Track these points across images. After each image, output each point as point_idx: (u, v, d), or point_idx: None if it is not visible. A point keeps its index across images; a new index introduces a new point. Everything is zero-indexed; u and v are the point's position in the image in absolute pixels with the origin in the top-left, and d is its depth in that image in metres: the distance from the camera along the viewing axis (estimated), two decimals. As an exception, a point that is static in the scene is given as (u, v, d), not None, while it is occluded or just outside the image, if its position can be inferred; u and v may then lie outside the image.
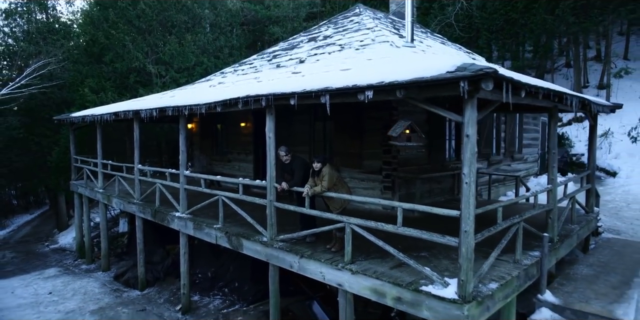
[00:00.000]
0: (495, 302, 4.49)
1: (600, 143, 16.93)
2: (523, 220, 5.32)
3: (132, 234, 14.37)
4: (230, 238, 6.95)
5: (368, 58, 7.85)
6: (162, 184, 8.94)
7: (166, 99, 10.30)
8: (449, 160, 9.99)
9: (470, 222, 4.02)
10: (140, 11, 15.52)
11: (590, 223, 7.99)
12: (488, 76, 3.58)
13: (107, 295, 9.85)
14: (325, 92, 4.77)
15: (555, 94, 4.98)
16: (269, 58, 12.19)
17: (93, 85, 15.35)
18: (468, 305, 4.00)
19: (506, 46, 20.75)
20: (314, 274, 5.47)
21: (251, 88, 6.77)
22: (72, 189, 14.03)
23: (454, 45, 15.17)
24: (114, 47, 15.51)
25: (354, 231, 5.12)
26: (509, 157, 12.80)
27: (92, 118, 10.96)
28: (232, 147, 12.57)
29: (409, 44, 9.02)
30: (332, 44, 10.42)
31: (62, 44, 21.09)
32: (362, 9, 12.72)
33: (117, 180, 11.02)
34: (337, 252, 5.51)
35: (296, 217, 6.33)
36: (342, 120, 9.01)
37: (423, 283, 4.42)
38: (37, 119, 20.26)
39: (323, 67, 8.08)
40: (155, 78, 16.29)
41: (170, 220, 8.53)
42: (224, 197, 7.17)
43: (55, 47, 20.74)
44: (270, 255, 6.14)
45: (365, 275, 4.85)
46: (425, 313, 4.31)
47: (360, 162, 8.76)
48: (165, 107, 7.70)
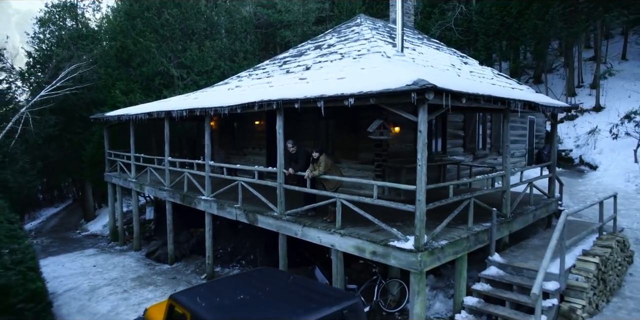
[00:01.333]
0: (446, 255, 6.04)
1: (587, 140, 18.20)
2: (475, 197, 6.84)
3: (158, 220, 16.18)
4: (247, 214, 8.59)
5: (362, 67, 9.38)
6: (190, 172, 10.63)
7: (190, 100, 12.02)
8: (435, 154, 11.47)
9: (423, 193, 5.56)
10: (164, 20, 17.26)
11: (550, 205, 9.43)
12: (430, 89, 5.10)
13: (142, 267, 11.61)
14: (321, 99, 6.34)
15: (497, 99, 6.48)
16: (279, 64, 13.80)
17: (123, 88, 17.16)
18: (421, 253, 5.56)
19: (502, 49, 22.02)
20: (313, 238, 7.08)
21: (265, 93, 8.40)
22: (106, 179, 15.84)
23: (449, 50, 16.56)
24: (141, 53, 17.28)
25: (343, 205, 6.70)
26: (495, 151, 14.21)
27: (127, 117, 12.70)
28: (247, 142, 14.24)
29: (399, 54, 10.55)
30: (335, 52, 11.98)
31: (91, 48, 23.01)
32: (363, 19, 14.22)
33: (148, 171, 12.76)
34: (331, 222, 7.09)
35: (300, 198, 7.92)
36: (341, 119, 10.58)
37: (391, 240, 5.98)
38: (70, 117, 22.20)
39: (324, 75, 9.65)
40: (177, 80, 18.05)
41: (197, 203, 10.21)
42: (243, 182, 8.81)
43: (84, 51, 22.67)
44: (280, 226, 7.76)
45: (350, 236, 6.44)
46: (393, 261, 5.89)
47: (357, 154, 10.33)
48: (195, 108, 9.35)
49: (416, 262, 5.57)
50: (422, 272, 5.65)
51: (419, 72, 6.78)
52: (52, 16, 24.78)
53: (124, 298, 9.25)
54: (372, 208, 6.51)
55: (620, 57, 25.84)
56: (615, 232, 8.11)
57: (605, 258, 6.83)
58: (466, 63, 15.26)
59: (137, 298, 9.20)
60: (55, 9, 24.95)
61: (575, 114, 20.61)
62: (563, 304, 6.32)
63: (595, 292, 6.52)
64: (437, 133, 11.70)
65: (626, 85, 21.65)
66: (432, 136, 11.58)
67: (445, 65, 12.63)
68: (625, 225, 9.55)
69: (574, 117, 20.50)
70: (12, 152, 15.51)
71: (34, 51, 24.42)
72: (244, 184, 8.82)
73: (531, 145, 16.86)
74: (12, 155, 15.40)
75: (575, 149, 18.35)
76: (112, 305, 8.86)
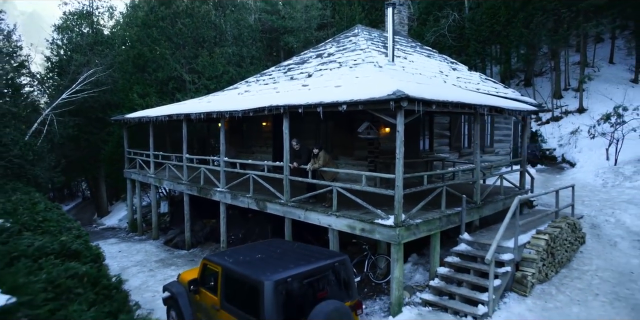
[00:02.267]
0: (420, 231, 7.48)
1: (569, 139, 19.60)
2: (449, 187, 8.28)
3: (172, 213, 17.68)
4: (257, 202, 10.05)
5: (356, 76, 10.83)
6: (206, 168, 12.11)
7: (204, 103, 13.51)
8: (423, 151, 12.91)
9: (400, 180, 7.00)
10: (178, 30, 18.76)
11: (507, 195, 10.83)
12: (404, 98, 6.53)
13: (162, 252, 13.10)
14: (320, 105, 7.78)
15: (464, 105, 7.91)
16: (284, 71, 15.27)
17: (140, 91, 18.67)
18: (399, 228, 7.00)
19: (492, 54, 23.42)
20: (314, 220, 8.53)
21: (272, 98, 9.86)
22: (125, 175, 17.34)
23: (440, 56, 18.00)
24: (156, 59, 18.79)
25: (338, 192, 8.15)
26: (480, 150, 15.59)
27: (148, 119, 14.18)
28: (255, 141, 15.71)
29: (390, 64, 12.02)
30: (334, 61, 13.44)
31: (106, 53, 24.53)
32: (360, 29, 15.67)
33: (167, 167, 14.24)
34: (328, 207, 8.52)
35: (302, 188, 9.37)
36: (339, 121, 12.02)
37: (376, 219, 7.42)
38: (87, 119, 23.72)
39: (324, 82, 11.11)
40: (189, 84, 19.55)
41: (212, 194, 11.68)
42: (254, 175, 10.28)
43: (100, 56, 24.18)
44: (286, 211, 9.22)
45: (344, 217, 7.89)
46: (377, 235, 7.33)
47: (352, 151, 11.78)
48: (212, 111, 10.81)
49: (395, 236, 7.01)
50: (400, 244, 7.09)
51: (402, 82, 8.24)
52: (70, 23, 26.33)
53: (151, 275, 10.73)
54: (363, 196, 7.95)
55: (608, 60, 27.18)
56: (568, 216, 9.52)
57: (555, 236, 8.25)
58: (455, 69, 16.69)
59: (162, 275, 10.68)
60: (72, 16, 26.49)
61: (560, 116, 22.01)
62: (518, 272, 7.74)
63: (544, 263, 7.94)
64: (425, 133, 13.13)
65: (609, 88, 23.00)
66: (421, 136, 13.02)
67: (433, 72, 14.08)
68: (586, 213, 10.96)
69: (559, 118, 21.89)
70: (40, 151, 17.01)
71: (53, 56, 25.97)
72: (254, 177, 10.29)
73: (515, 144, 18.25)
74: (39, 153, 16.89)
75: (559, 148, 19.76)
76: (141, 281, 10.34)
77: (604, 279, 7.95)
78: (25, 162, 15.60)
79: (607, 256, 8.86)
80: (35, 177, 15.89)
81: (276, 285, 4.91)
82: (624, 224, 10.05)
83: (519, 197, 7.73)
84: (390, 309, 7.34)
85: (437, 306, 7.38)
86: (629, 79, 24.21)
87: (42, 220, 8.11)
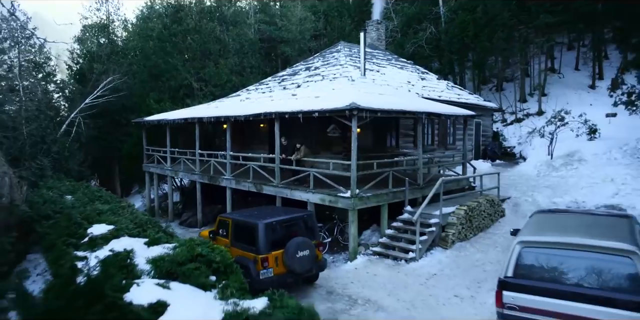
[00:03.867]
0: (371, 201, 10.52)
1: (526, 138, 22.61)
2: (394, 171, 11.32)
3: (184, 201, 20.71)
4: (256, 186, 13.09)
5: (333, 88, 13.87)
6: (215, 161, 15.15)
7: (212, 109, 16.56)
8: (390, 147, 15.94)
9: (354, 165, 10.03)
10: (188, 44, 21.83)
11: (460, 182, 13.85)
12: (356, 108, 9.55)
13: (179, 230, 16.11)
14: (300, 113, 10.82)
15: (405, 112, 10.93)
16: (279, 81, 18.33)
17: (155, 97, 21.72)
18: (353, 199, 10.03)
19: (464, 63, 26.48)
20: (297, 196, 11.56)
21: (267, 105, 12.90)
22: (144, 169, 20.39)
23: (413, 67, 21.04)
24: (169, 70, 21.84)
25: (314, 176, 11.18)
26: (443, 147, 18.63)
27: (166, 121, 17.23)
28: (253, 139, 18.74)
29: (362, 77, 15.05)
30: (318, 74, 16.49)
31: (122, 62, 27.57)
32: (341, 46, 18.73)
33: (182, 162, 17.28)
34: (307, 187, 11.54)
35: (289, 174, 12.40)
36: (321, 124, 15.03)
37: (339, 193, 10.45)
38: (105, 120, 26.79)
39: (309, 92, 14.16)
40: (197, 91, 22.60)
41: (220, 181, 14.71)
42: (253, 165, 13.32)
43: (117, 65, 27.23)
44: (277, 191, 12.25)
45: (318, 193, 10.92)
46: (339, 204, 10.37)
47: (330, 147, 14.82)
48: (221, 116, 13.85)
49: (351, 204, 10.05)
50: (355, 210, 10.12)
51: (364, 94, 11.31)
52: (88, 34, 29.41)
53: (173, 243, 13.75)
54: (333, 178, 10.98)
55: (574, 67, 30.18)
56: (489, 195, 12.55)
57: (472, 208, 11.28)
58: (424, 79, 19.75)
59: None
60: (91, 29, 29.57)
61: (522, 118, 25.05)
62: (443, 233, 10.77)
63: (463, 227, 10.97)
64: (392, 132, 16.17)
65: (569, 93, 26.01)
66: (388, 135, 16.06)
67: (401, 83, 17.13)
68: (514, 195, 14.01)
69: (521, 120, 24.92)
70: (71, 148, 20.07)
71: (73, 65, 29.04)
72: (253, 167, 13.33)
73: (477, 142, 21.28)
74: (71, 150, 19.95)
75: (517, 146, 22.80)
76: (166, 247, 13.35)
77: (506, 237, 10.97)
78: (62, 158, 18.69)
79: (516, 224, 11.83)
80: (70, 171, 18.96)
81: (265, 226, 7.95)
82: (537, 202, 13.10)
83: (442, 179, 10.79)
84: (349, 257, 10.38)
85: (382, 255, 10.42)
86: (587, 85, 27.22)
87: (99, 196, 11.19)
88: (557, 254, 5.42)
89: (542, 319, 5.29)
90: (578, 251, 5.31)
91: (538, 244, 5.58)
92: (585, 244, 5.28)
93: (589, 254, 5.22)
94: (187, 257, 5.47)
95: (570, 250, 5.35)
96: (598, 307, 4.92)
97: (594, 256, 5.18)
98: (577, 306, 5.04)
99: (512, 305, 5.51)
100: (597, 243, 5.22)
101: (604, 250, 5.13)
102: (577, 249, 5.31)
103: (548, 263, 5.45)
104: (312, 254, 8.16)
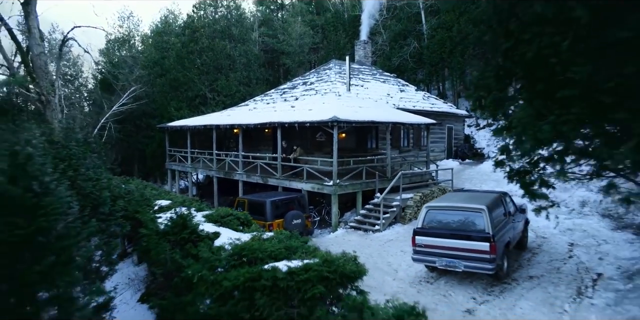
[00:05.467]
0: (348, 189, 14.24)
1: (493, 140, 26.25)
2: (367, 166, 15.02)
3: (201, 194, 24.43)
4: (263, 179, 16.80)
5: (323, 102, 17.56)
6: (230, 159, 18.87)
7: (225, 116, 20.30)
8: (370, 148, 19.63)
9: (335, 162, 13.74)
10: (203, 60, 25.59)
11: (423, 176, 17.52)
12: (336, 120, 13.25)
13: (199, 215, 19.84)
14: (295, 123, 14.53)
15: (374, 122, 14.62)
16: (280, 93, 22.05)
17: (175, 106, 25.48)
18: (335, 186, 13.75)
19: (440, 76, 30.18)
20: (294, 186, 15.26)
21: (271, 115, 16.62)
22: (167, 167, 24.12)
23: (395, 80, 24.71)
24: (187, 82, 25.61)
25: (307, 170, 14.88)
26: (417, 148, 22.30)
27: (187, 127, 20.96)
28: (260, 142, 22.45)
29: (347, 93, 18.76)
30: (313, 89, 20.20)
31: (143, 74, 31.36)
32: (333, 64, 22.44)
33: (201, 160, 21.00)
34: (302, 179, 15.23)
35: (289, 169, 16.09)
36: (313, 130, 18.74)
37: (324, 182, 14.15)
38: (129, 125, 30.59)
39: (304, 105, 17.86)
40: (210, 100, 26.35)
41: (234, 175, 18.41)
42: (261, 162, 17.02)
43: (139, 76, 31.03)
44: (279, 182, 15.96)
45: (309, 183, 14.64)
46: (325, 190, 14.09)
47: (322, 149, 18.52)
48: (234, 124, 17.56)
49: (332, 190, 13.75)
50: (336, 194, 13.81)
51: (346, 107, 14.97)
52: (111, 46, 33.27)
53: (197, 224, 17.48)
54: (322, 173, 14.67)
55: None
56: (442, 185, 16.21)
57: (427, 194, 14.97)
58: (403, 90, 23.44)
59: (204, 224, 17.41)
60: (113, 43, 33.42)
61: (493, 123, 28.67)
62: (403, 212, 14.45)
63: (418, 208, 14.63)
64: (371, 136, 19.85)
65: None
66: (369, 138, 19.74)
67: (381, 96, 20.82)
68: (467, 186, 17.66)
69: (492, 124, 28.56)
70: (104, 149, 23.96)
71: (99, 75, 32.87)
72: (260, 164, 17.03)
73: (449, 145, 24.94)
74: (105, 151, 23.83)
75: (487, 147, 26.45)
76: (192, 226, 17.09)
77: (451, 216, 14.60)
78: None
79: (462, 207, 15.52)
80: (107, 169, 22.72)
81: (271, 202, 11.67)
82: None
83: (401, 173, 14.48)
84: (332, 229, 14.08)
85: (356, 228, 14.10)
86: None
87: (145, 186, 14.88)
88: (445, 212, 9.10)
89: (434, 251, 8.96)
90: (455, 210, 8.99)
91: (435, 208, 9.25)
92: (459, 206, 8.97)
93: (462, 212, 8.89)
94: (225, 213, 9.19)
95: (452, 210, 9.04)
96: (463, 241, 8.58)
97: (464, 213, 8.85)
98: (453, 241, 8.69)
99: (420, 244, 9.18)
100: (465, 205, 8.89)
101: (468, 209, 8.80)
102: (455, 209, 8.99)
103: (440, 218, 9.12)
104: (302, 222, 11.88)
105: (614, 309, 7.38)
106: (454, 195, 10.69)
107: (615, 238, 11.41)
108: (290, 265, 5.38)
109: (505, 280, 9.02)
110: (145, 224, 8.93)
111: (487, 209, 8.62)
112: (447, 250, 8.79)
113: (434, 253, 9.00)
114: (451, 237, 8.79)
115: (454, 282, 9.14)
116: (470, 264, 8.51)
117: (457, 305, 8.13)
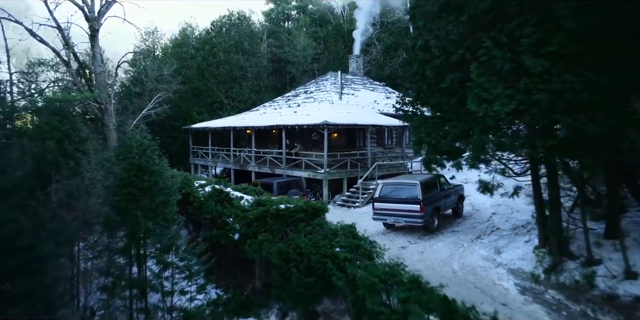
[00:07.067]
0: (335, 176, 18.67)
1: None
2: (351, 159, 19.43)
3: (218, 184, 28.98)
4: (271, 169, 21.27)
5: (319, 108, 21.96)
6: (245, 154, 23.37)
7: (239, 120, 24.85)
8: (358, 146, 23.98)
9: (325, 155, 18.16)
10: (220, 72, 30.17)
11: (399, 167, 21.84)
12: (325, 124, 17.66)
13: (219, 200, 24.37)
14: (297, 125, 18.98)
15: (357, 125, 19.02)
16: (285, 100, 26.53)
17: (196, 110, 30.08)
18: (325, 173, 18.19)
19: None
20: (295, 173, 19.70)
21: (278, 119, 21.11)
22: (190, 162, 28.70)
23: (383, 88, 29.04)
24: (207, 90, 30.20)
25: (305, 162, 19.33)
26: (399, 146, 26.56)
27: (209, 129, 25.50)
28: (269, 141, 26.93)
29: (339, 101, 23.19)
30: (312, 97, 24.64)
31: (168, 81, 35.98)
32: (329, 75, 26.86)
33: (220, 156, 25.53)
34: (301, 168, 19.65)
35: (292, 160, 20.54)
36: (310, 131, 23.15)
37: (317, 170, 18.57)
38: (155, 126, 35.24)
39: (304, 110, 22.31)
40: (226, 106, 30.91)
41: (248, 167, 22.88)
42: (269, 157, 21.51)
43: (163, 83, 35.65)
44: (283, 171, 20.40)
45: (306, 171, 19.09)
46: (318, 176, 18.54)
47: (317, 145, 22.94)
48: (248, 126, 22.05)
49: (324, 176, 18.18)
50: (326, 180, 18.22)
51: (336, 113, 19.38)
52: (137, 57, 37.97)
53: (219, 205, 22.01)
54: (316, 164, 19.08)
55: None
56: (414, 174, 20.55)
57: (397, 180, 19.34)
58: (389, 97, 27.77)
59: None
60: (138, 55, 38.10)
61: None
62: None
63: (390, 191, 18.98)
64: (360, 136, 24.21)
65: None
66: (357, 137, 24.12)
67: (368, 102, 25.21)
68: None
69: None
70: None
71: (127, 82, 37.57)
72: (269, 158, 21.51)
73: (429, 143, 29.15)
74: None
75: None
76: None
77: (415, 197, 18.96)
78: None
79: (426, 191, 19.86)
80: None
81: (277, 183, 16.16)
82: (445, 180, 21.02)
83: (377, 163, 18.86)
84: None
85: (342, 206, 18.49)
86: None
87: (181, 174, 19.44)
88: (393, 186, 13.48)
89: (386, 212, 13.32)
90: (400, 185, 13.36)
91: (387, 184, 13.65)
92: (402, 182, 13.35)
93: (404, 186, 13.26)
94: (246, 186, 13.68)
95: (398, 185, 13.42)
96: (404, 204, 12.95)
97: (406, 186, 13.22)
98: (398, 205, 13.06)
99: (377, 208, 13.56)
100: (407, 181, 13.28)
101: (408, 184, 13.17)
102: (400, 184, 13.38)
103: (390, 190, 13.49)
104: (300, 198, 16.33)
105: (491, 242, 11.75)
106: (405, 176, 15.09)
107: (526, 209, 15.68)
108: (287, 205, 9.86)
109: (434, 233, 13.39)
110: (193, 193, 13.47)
111: (420, 184, 13.01)
112: (394, 211, 13.20)
113: (386, 213, 13.41)
114: (397, 202, 13.18)
115: (400, 234, 13.56)
116: (408, 220, 12.91)
117: (398, 244, 12.54)
